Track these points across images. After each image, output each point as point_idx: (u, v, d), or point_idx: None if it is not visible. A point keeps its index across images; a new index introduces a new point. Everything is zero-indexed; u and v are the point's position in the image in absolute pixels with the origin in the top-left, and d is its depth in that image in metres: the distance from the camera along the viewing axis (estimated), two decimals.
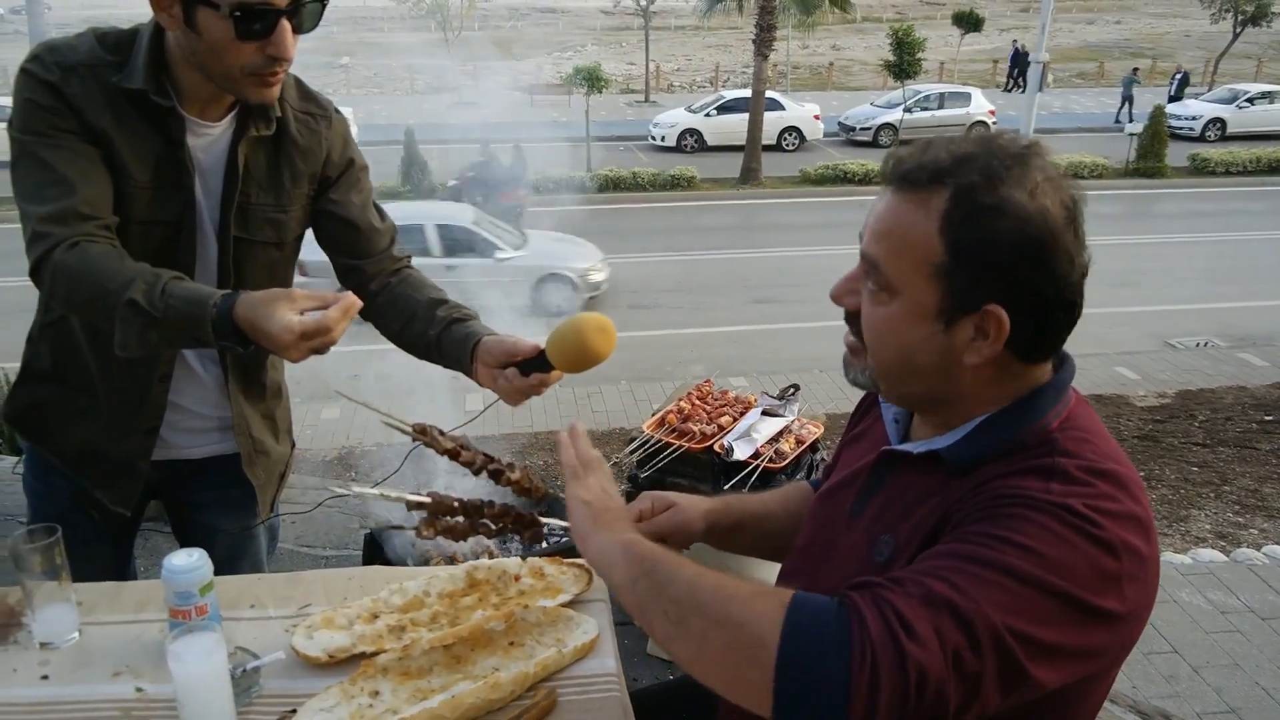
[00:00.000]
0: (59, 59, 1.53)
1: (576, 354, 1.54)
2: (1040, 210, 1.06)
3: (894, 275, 1.12)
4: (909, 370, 1.16)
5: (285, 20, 1.48)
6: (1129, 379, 9.52)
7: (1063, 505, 1.01)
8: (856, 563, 1.20)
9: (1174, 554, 4.85)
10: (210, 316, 1.40)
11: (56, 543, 1.40)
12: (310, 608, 1.50)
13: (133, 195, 1.59)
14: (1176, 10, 64.49)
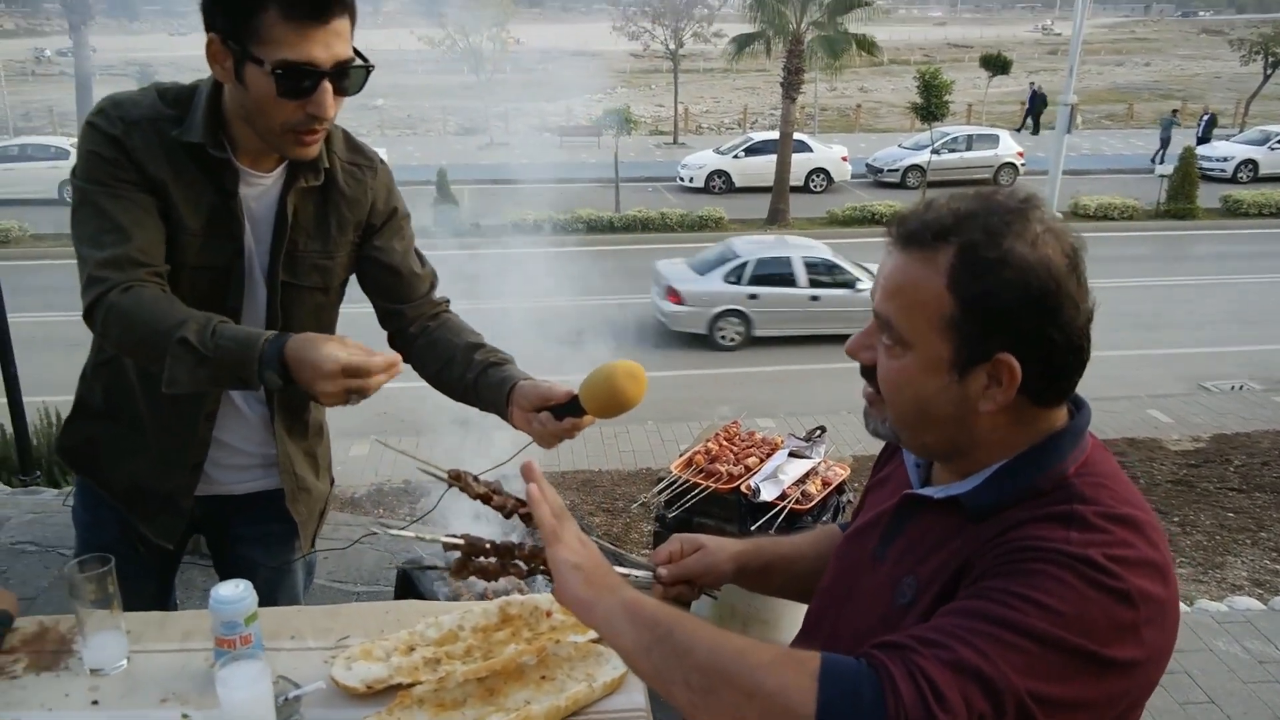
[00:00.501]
0: (122, 114, 1.62)
1: (608, 399, 1.58)
2: (1043, 260, 1.10)
3: (907, 330, 1.16)
4: (926, 420, 1.19)
5: (327, 82, 1.55)
6: (1162, 422, 9.42)
7: (1082, 558, 1.04)
8: (879, 605, 1.23)
9: (1210, 601, 4.78)
10: (259, 351, 1.46)
11: (109, 572, 1.46)
12: (348, 640, 1.54)
13: (186, 242, 1.67)
14: (1206, 52, 64.44)
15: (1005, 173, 24.68)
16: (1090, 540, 1.06)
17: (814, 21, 20.40)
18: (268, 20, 1.48)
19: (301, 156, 1.66)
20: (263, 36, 1.49)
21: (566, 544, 1.23)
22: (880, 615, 1.23)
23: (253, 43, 1.50)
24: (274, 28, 1.48)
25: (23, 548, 3.70)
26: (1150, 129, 33.89)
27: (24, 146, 22.77)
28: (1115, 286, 15.65)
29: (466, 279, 2.69)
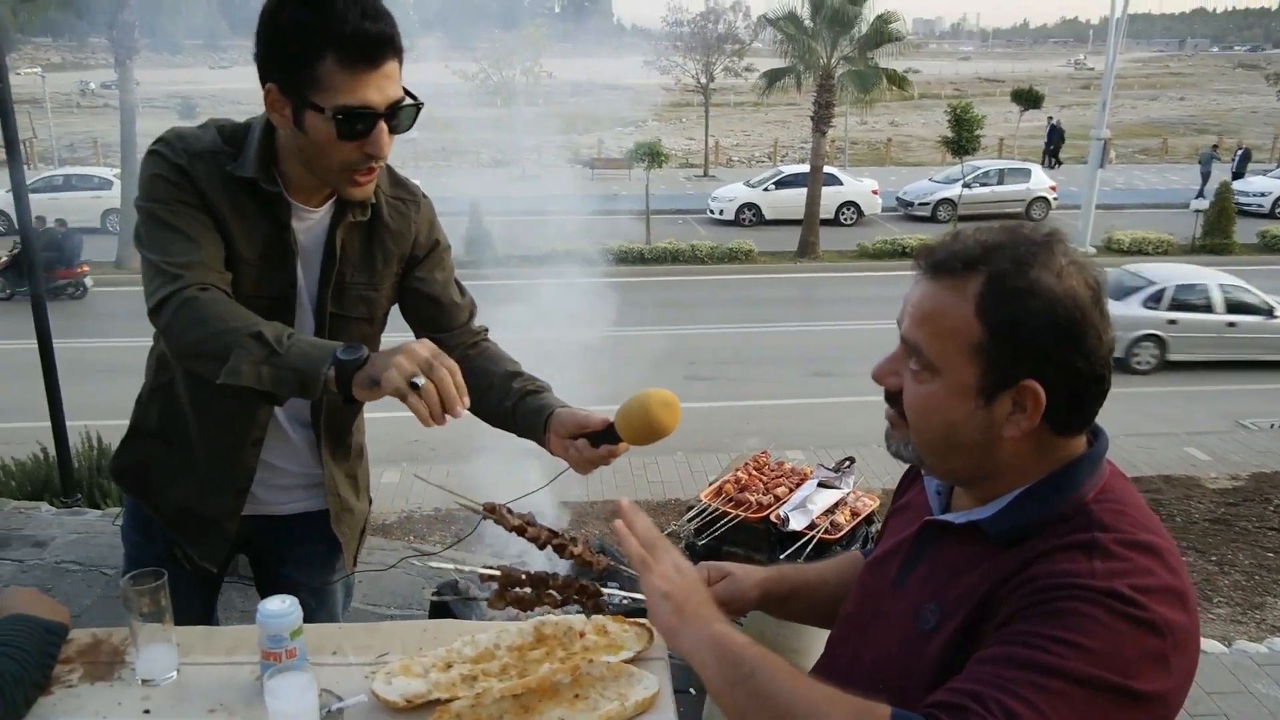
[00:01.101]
0: (186, 145, 1.70)
1: (644, 428, 1.63)
2: (1068, 291, 1.14)
3: (935, 356, 1.19)
4: (951, 445, 1.22)
5: (383, 122, 1.62)
6: (1200, 460, 9.31)
7: (1108, 590, 1.07)
8: (901, 630, 1.26)
9: (1249, 643, 4.70)
10: (333, 354, 1.49)
11: (162, 586, 1.51)
12: (388, 656, 1.59)
13: (241, 271, 1.74)
14: (1243, 87, 64.02)
15: (1037, 207, 24.60)
16: (1114, 570, 1.09)
17: (845, 56, 20.53)
18: (325, 69, 1.54)
19: (356, 196, 1.73)
20: (321, 84, 1.56)
21: (658, 573, 1.27)
22: (901, 641, 1.25)
23: (311, 91, 1.57)
24: (331, 75, 1.55)
25: (67, 567, 3.79)
26: (1185, 164, 33.68)
27: (69, 176, 23.38)
28: None
29: (498, 309, 2.75)
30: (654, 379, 7.69)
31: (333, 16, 1.52)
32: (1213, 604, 6.12)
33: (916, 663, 1.21)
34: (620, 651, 1.58)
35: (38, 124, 35.22)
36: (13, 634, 1.46)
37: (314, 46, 1.54)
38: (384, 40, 1.57)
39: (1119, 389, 4.39)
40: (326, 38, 1.53)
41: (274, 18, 1.57)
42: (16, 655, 1.43)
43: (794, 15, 20.74)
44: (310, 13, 1.53)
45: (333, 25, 1.52)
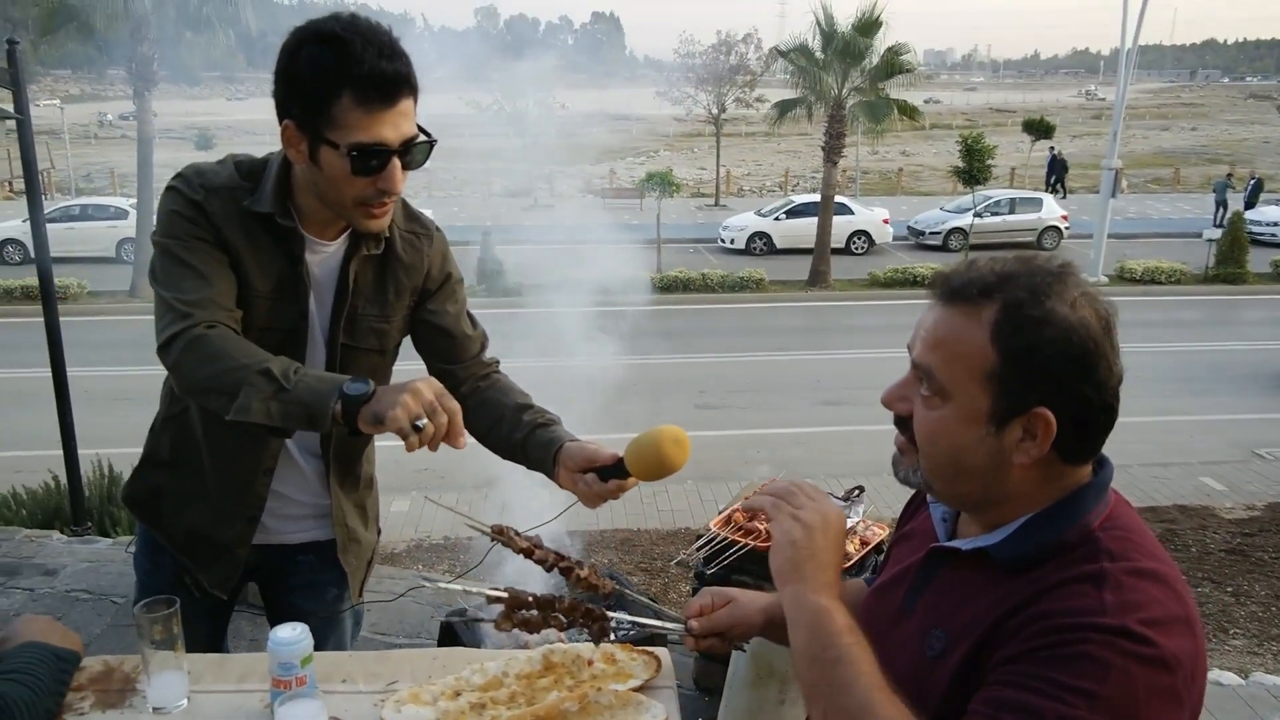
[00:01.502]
0: (204, 181, 1.74)
1: (655, 464, 1.65)
2: (1082, 321, 1.16)
3: (948, 381, 1.20)
4: (960, 470, 1.23)
5: (396, 158, 1.65)
6: (1215, 490, 9.24)
7: (1119, 630, 1.07)
8: (907, 655, 1.26)
9: (1266, 675, 4.65)
10: (339, 389, 1.52)
11: (174, 614, 1.53)
12: (397, 684, 1.59)
13: (254, 304, 1.77)
14: (1254, 117, 64.06)
15: (1049, 236, 24.59)
16: (1124, 604, 1.10)
17: (856, 87, 20.64)
18: (341, 107, 1.58)
19: (371, 229, 1.77)
20: (337, 122, 1.59)
21: (797, 517, 1.29)
22: (908, 666, 1.25)
23: (327, 128, 1.60)
24: (347, 113, 1.58)
25: (77, 595, 3.80)
26: (1197, 193, 33.66)
27: (85, 206, 23.64)
28: (1165, 350, 15.44)
29: (509, 338, 2.77)
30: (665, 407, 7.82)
31: (350, 56, 1.55)
32: (1229, 635, 6.05)
33: (924, 689, 1.21)
34: (628, 680, 1.59)
35: (55, 155, 35.70)
36: (26, 661, 1.47)
37: (331, 85, 1.57)
38: (400, 80, 1.60)
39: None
40: (344, 77, 1.56)
41: (293, 56, 1.60)
42: (29, 682, 1.44)
43: (805, 47, 20.87)
44: (329, 52, 1.57)
45: (350, 65, 1.56)
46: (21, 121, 4.91)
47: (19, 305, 17.92)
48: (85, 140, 48.77)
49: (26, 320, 15.95)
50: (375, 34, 1.59)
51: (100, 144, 49.13)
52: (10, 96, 4.91)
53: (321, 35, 1.58)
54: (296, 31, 1.62)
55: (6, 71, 4.84)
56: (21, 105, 4.92)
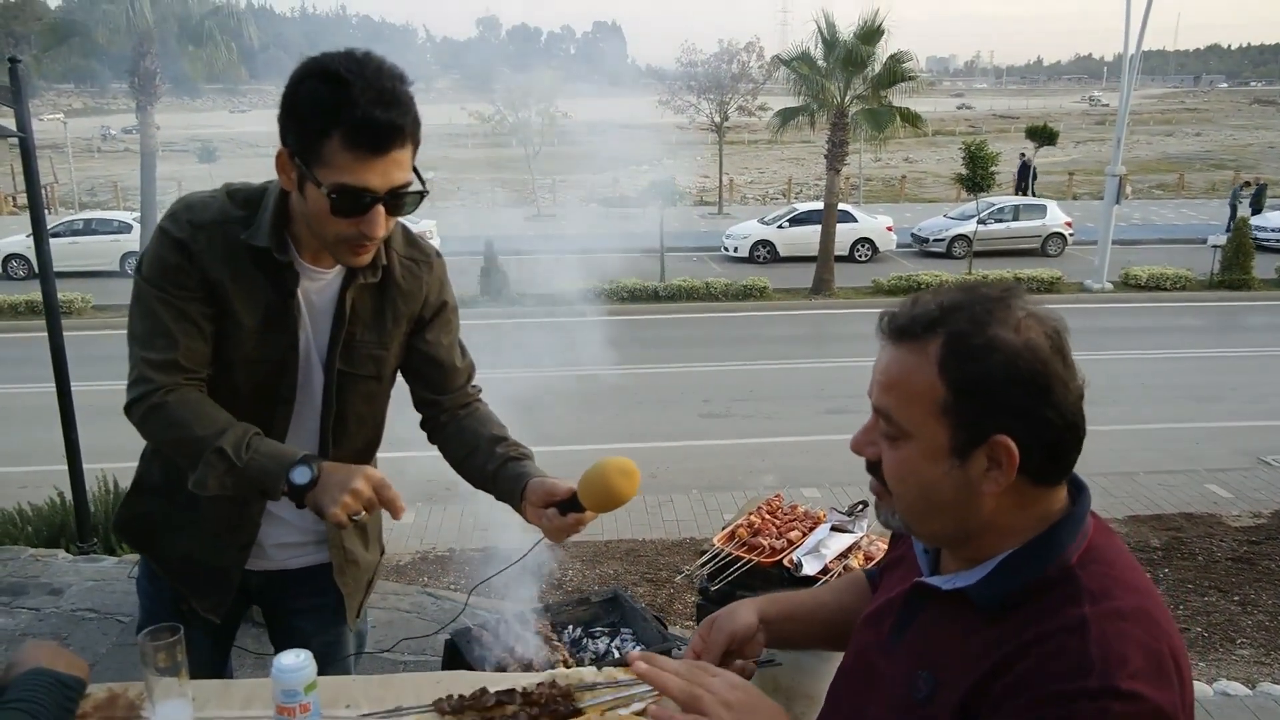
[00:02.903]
0: (192, 217, 1.74)
1: (603, 496, 1.70)
2: (1028, 344, 1.16)
3: (905, 420, 1.20)
4: (932, 506, 1.23)
5: (380, 205, 1.64)
6: (1221, 497, 9.20)
7: (1106, 691, 1.07)
8: (894, 694, 1.26)
9: (1273, 685, 4.63)
10: (286, 476, 1.64)
11: (178, 641, 1.53)
12: (401, 709, 1.59)
13: (242, 338, 1.78)
14: (1259, 122, 64.03)
15: (1053, 243, 24.57)
16: (1108, 657, 1.09)
17: (858, 95, 20.67)
18: (330, 147, 1.57)
19: (355, 264, 1.77)
20: (324, 160, 1.59)
21: (715, 695, 1.28)
22: (893, 708, 1.25)
23: (315, 164, 1.60)
24: (335, 155, 1.58)
25: (83, 615, 3.81)
26: (1201, 199, 33.62)
27: (89, 221, 23.68)
28: (1169, 357, 15.40)
29: (513, 348, 2.78)
30: (668, 416, 7.81)
31: (347, 99, 1.54)
32: (1236, 645, 6.02)
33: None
34: (631, 704, 1.58)
35: (59, 169, 35.83)
36: (31, 689, 1.48)
37: (324, 124, 1.57)
38: (392, 130, 1.58)
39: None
40: (337, 118, 1.55)
41: (296, 87, 1.61)
42: (34, 710, 1.44)
43: (807, 55, 20.90)
44: (327, 91, 1.56)
45: (344, 108, 1.55)
46: (24, 139, 4.94)
47: (24, 320, 17.96)
48: (88, 154, 48.96)
49: (31, 335, 16.01)
50: (378, 78, 1.57)
51: (103, 157, 49.33)
52: (12, 114, 4.94)
53: (325, 73, 1.57)
54: (306, 63, 1.61)
55: (9, 89, 4.87)
56: (24, 123, 4.94)
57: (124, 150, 49.84)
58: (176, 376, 1.70)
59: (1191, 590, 6.98)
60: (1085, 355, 1.17)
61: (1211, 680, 4.61)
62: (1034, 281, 20.11)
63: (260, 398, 1.81)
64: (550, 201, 32.21)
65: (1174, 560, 7.61)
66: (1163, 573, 7.33)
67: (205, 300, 1.74)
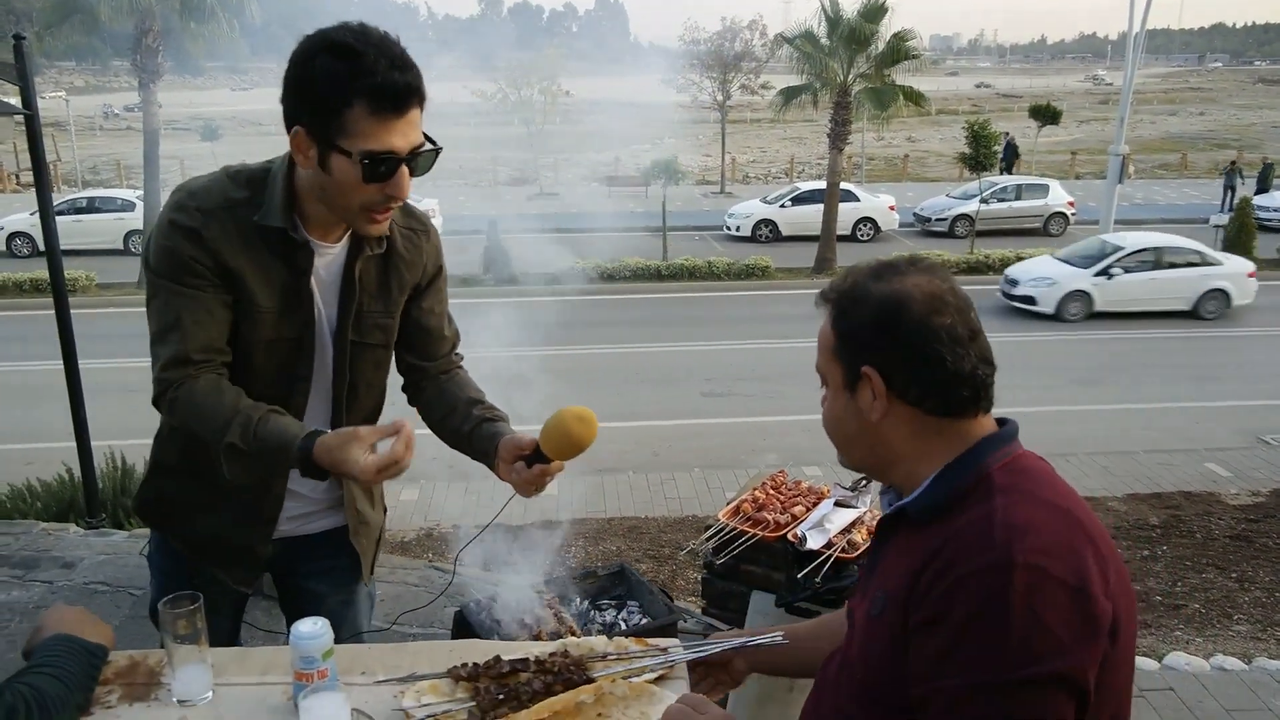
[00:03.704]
0: (199, 204, 1.76)
1: (562, 442, 1.78)
2: (893, 293, 1.37)
3: (822, 369, 1.48)
4: (846, 438, 1.47)
5: (404, 166, 1.69)
6: (1220, 476, 9.26)
7: (1006, 565, 1.19)
8: (861, 620, 1.43)
9: (1269, 660, 4.68)
10: (295, 460, 1.68)
11: (198, 610, 1.57)
12: (416, 675, 1.63)
13: (259, 319, 1.81)
14: (1263, 101, 63.62)
15: (1055, 222, 24.52)
16: (1010, 529, 1.23)
17: (862, 74, 20.58)
18: (353, 116, 1.62)
19: (372, 233, 1.82)
20: (348, 130, 1.63)
21: None
22: (862, 630, 1.41)
23: (339, 135, 1.64)
24: (359, 122, 1.62)
25: (95, 588, 3.85)
26: (1205, 179, 33.48)
27: (92, 199, 23.66)
28: (1170, 336, 15.42)
29: (513, 326, 2.80)
30: (671, 395, 7.85)
31: (364, 68, 1.59)
32: (1233, 621, 6.09)
33: (874, 646, 1.35)
34: (642, 673, 1.62)
35: (61, 147, 35.72)
36: (56, 655, 1.51)
37: (344, 95, 1.61)
38: (411, 91, 1.64)
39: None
40: (356, 87, 1.60)
41: (305, 65, 1.63)
42: (61, 675, 1.48)
43: (811, 33, 20.80)
44: (342, 63, 1.60)
45: (363, 76, 1.59)
46: (30, 117, 4.94)
47: (28, 298, 17.96)
48: (90, 132, 48.80)
49: (35, 313, 16.04)
50: (386, 45, 1.63)
51: (105, 135, 49.16)
52: (17, 91, 4.94)
53: (335, 46, 1.61)
54: (308, 41, 1.65)
55: (14, 67, 4.87)
56: (30, 100, 4.94)
57: (126, 128, 49.66)
58: (188, 369, 1.74)
59: (1190, 567, 7.04)
60: (1083, 335, 1.23)
61: (1209, 655, 4.66)
62: None
63: (280, 376, 1.85)
64: (552, 180, 32.11)
65: (1172, 538, 7.67)
66: (1161, 550, 7.39)
67: (222, 287, 1.77)
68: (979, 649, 1.19)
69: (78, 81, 75.65)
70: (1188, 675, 4.23)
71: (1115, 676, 1.25)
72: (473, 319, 2.28)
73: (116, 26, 19.03)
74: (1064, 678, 1.18)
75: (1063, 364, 13.80)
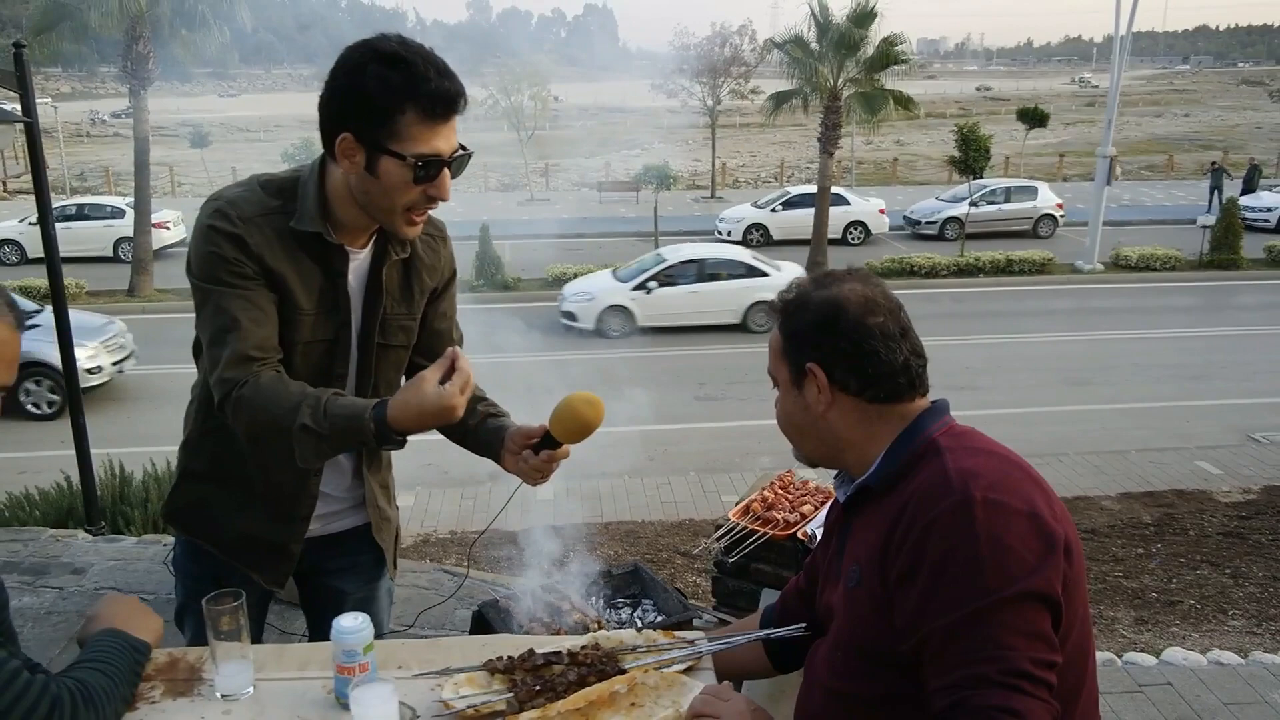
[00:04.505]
0: (240, 213, 1.80)
1: (571, 424, 1.86)
2: (834, 296, 1.55)
3: (773, 371, 1.65)
4: (798, 432, 1.64)
5: (446, 168, 1.77)
6: (1211, 474, 9.34)
7: (965, 502, 1.36)
8: (839, 594, 1.57)
9: (1265, 654, 4.74)
10: (370, 430, 1.71)
11: (240, 606, 1.60)
12: (450, 669, 1.67)
13: (299, 321, 1.87)
14: (1246, 103, 64.10)
15: (1044, 224, 24.68)
16: (963, 473, 1.40)
17: (851, 78, 20.69)
18: (405, 121, 1.70)
19: (409, 235, 1.88)
20: (400, 135, 1.70)
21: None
22: (842, 602, 1.56)
23: (390, 140, 1.71)
24: (410, 127, 1.70)
25: (105, 593, 3.87)
26: (1191, 180, 33.72)
27: (81, 206, 23.59)
28: (1159, 337, 15.54)
29: (507, 331, 2.85)
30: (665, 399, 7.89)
31: (415, 75, 1.67)
32: (1228, 616, 6.16)
33: (858, 613, 1.49)
34: (672, 665, 1.67)
35: (49, 154, 35.50)
36: (106, 649, 1.55)
37: (398, 101, 1.68)
38: (458, 97, 1.73)
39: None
40: (409, 94, 1.68)
41: (356, 75, 1.69)
42: (110, 671, 1.52)
43: (801, 38, 20.91)
44: (395, 72, 1.67)
45: (416, 83, 1.67)
46: (30, 125, 4.95)
47: None
48: (77, 139, 48.60)
49: None
50: (431, 55, 1.72)
51: (92, 142, 48.97)
52: (15, 98, 4.95)
53: (385, 55, 1.68)
54: (354, 52, 1.72)
55: (12, 74, 4.88)
56: (30, 107, 4.95)
57: (114, 135, 49.50)
58: (251, 368, 1.78)
59: (1184, 564, 7.12)
60: (1076, 335, 1.32)
61: (1205, 650, 4.72)
62: (1026, 263, 20.25)
63: (315, 376, 1.89)
64: (543, 186, 32.15)
65: (1166, 535, 7.74)
66: (1156, 548, 7.47)
67: (268, 286, 1.82)
68: (957, 584, 1.33)
69: (64, 88, 75.32)
70: (1185, 670, 4.29)
71: (1075, 592, 1.41)
72: (466, 324, 2.33)
73: (107, 33, 18.96)
74: (1037, 592, 1.33)
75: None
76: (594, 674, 1.59)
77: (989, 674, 1.29)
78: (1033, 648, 1.31)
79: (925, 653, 1.37)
